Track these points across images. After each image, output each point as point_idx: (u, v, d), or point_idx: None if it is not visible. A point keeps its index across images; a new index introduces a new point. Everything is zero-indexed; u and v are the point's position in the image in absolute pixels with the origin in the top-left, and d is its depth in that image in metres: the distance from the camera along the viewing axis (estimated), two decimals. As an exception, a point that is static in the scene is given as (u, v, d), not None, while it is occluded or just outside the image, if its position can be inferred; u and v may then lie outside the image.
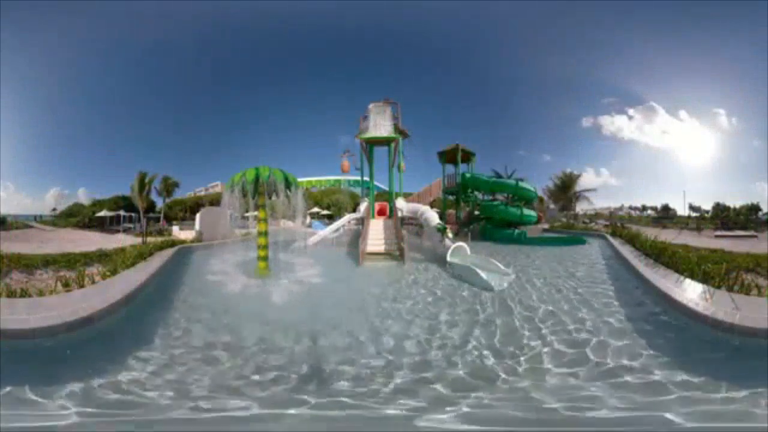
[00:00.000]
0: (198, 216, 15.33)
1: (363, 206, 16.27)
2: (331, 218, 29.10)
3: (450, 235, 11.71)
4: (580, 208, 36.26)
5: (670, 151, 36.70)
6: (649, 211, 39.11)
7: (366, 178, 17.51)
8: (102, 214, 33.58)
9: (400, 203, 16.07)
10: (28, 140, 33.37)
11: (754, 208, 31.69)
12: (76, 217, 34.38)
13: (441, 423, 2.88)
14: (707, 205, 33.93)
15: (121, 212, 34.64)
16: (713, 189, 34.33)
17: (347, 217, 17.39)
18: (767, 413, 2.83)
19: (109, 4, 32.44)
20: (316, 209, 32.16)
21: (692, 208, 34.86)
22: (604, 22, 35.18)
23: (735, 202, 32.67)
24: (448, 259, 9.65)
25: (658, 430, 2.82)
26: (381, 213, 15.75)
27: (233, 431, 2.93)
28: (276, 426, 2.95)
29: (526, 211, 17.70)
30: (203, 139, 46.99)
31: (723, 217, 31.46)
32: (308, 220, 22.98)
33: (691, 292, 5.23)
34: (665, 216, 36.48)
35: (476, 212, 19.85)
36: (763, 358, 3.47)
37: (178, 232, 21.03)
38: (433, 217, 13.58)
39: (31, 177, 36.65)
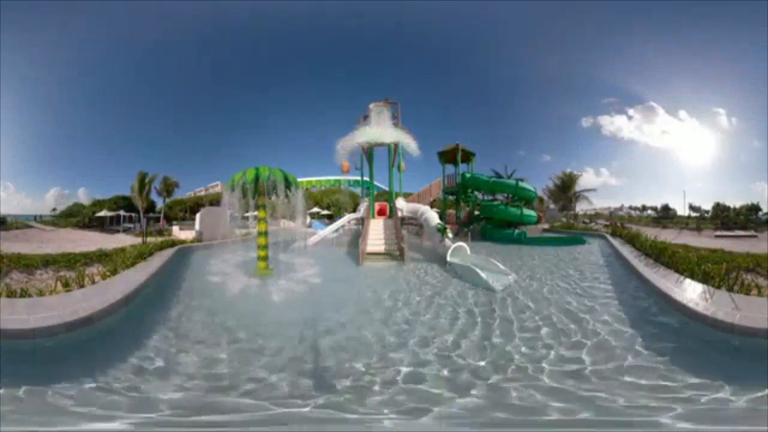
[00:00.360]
0: (198, 216, 15.33)
1: (363, 206, 16.27)
2: (331, 218, 29.11)
3: (450, 235, 11.72)
4: (580, 208, 36.28)
5: (670, 151, 36.81)
6: (649, 211, 39.11)
7: (366, 178, 17.51)
8: (102, 214, 33.59)
9: (400, 203, 16.07)
10: (28, 140, 33.50)
11: (754, 208, 31.68)
12: (76, 217, 34.41)
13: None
14: (707, 205, 33.98)
15: (121, 212, 34.65)
16: (713, 189, 34.46)
17: (347, 217, 17.41)
18: (766, 413, 2.83)
19: (109, 4, 32.52)
20: (316, 209, 32.17)
21: (692, 208, 34.89)
22: (604, 22, 35.27)
23: (735, 202, 32.72)
24: (448, 259, 9.65)
25: (657, 429, 2.82)
26: (381, 213, 15.75)
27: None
28: (280, 427, 2.95)
29: (526, 211, 17.72)
30: (203, 139, 47.25)
31: (723, 217, 31.47)
32: (308, 220, 22.99)
33: (691, 292, 5.23)
34: (665, 216, 36.48)
35: (476, 212, 19.86)
36: (763, 358, 3.47)
37: (178, 232, 21.04)
38: (433, 217, 13.59)
39: (31, 177, 36.82)
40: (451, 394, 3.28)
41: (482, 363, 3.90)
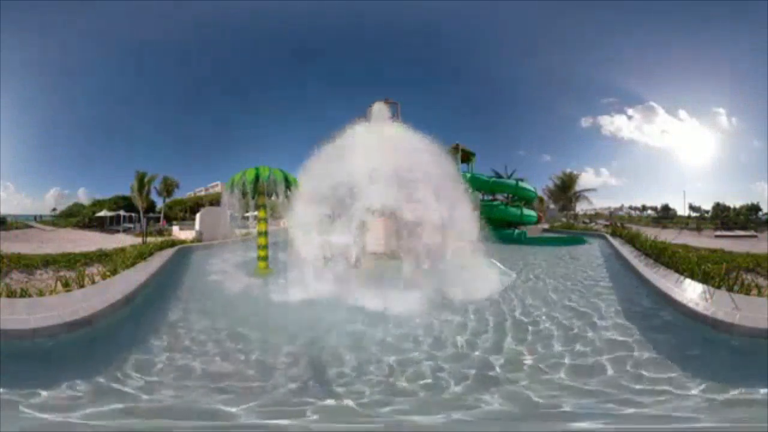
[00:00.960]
0: (198, 216, 15.33)
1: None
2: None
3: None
4: (580, 208, 36.27)
5: (670, 151, 36.69)
6: (649, 211, 39.08)
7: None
8: (102, 214, 33.59)
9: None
10: (28, 140, 33.39)
11: (754, 208, 31.64)
12: (76, 217, 34.38)
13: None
14: (707, 205, 33.92)
15: (121, 212, 34.64)
16: (713, 189, 34.33)
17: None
18: (766, 413, 2.83)
19: (109, 4, 32.44)
20: (315, 209, 32.09)
21: (692, 208, 34.86)
22: (604, 22, 35.18)
23: (735, 202, 32.64)
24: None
25: (657, 428, 2.82)
26: (381, 213, 15.71)
27: None
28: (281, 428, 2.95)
29: (526, 211, 17.74)
30: (203, 139, 46.98)
31: (723, 217, 31.46)
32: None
33: (691, 292, 5.23)
34: (665, 216, 36.46)
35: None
36: (763, 358, 3.47)
37: (178, 232, 21.03)
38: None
39: (31, 177, 36.62)
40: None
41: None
